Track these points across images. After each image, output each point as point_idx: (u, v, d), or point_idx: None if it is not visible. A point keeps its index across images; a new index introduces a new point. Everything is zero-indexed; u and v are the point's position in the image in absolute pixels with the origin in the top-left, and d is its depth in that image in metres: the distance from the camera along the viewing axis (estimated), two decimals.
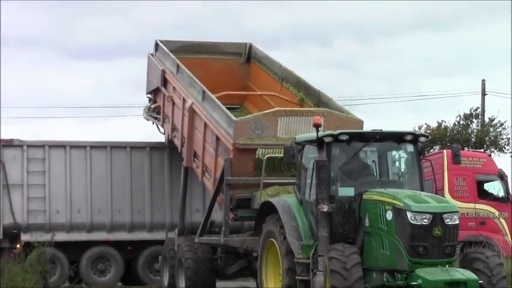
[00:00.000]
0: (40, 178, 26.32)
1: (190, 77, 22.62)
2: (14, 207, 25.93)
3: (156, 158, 27.24)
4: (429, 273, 14.20)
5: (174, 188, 27.09)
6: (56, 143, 26.88)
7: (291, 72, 23.81)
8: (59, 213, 26.30)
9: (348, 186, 15.65)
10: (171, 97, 23.65)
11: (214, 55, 25.77)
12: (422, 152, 16.27)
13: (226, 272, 20.78)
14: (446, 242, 14.68)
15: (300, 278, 15.00)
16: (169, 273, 22.24)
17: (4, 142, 26.27)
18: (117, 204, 26.78)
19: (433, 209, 14.68)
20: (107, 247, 26.65)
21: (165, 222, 26.92)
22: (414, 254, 14.54)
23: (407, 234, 14.56)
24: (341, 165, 15.91)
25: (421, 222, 14.54)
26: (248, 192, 19.53)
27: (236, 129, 19.35)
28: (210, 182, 21.21)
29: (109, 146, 27.13)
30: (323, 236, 14.96)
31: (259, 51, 25.69)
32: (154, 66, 25.29)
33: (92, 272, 26.51)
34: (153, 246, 26.82)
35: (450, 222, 14.70)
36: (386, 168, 16.34)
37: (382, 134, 16.15)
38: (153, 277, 26.80)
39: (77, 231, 26.40)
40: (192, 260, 20.61)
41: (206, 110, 21.24)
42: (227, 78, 25.10)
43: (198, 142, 21.89)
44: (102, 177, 26.80)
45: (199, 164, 21.96)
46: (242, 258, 20.18)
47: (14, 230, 25.93)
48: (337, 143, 15.75)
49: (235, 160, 19.26)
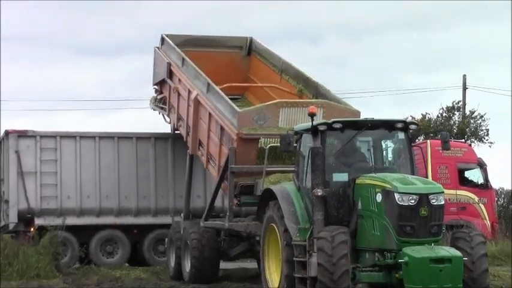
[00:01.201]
0: (52, 166, 26.34)
1: (195, 69, 22.46)
2: (28, 194, 25.95)
3: (160, 147, 27.25)
4: (415, 251, 14.08)
5: (177, 175, 27.19)
6: (66, 134, 26.86)
7: (290, 64, 23.60)
8: (69, 199, 26.31)
9: (342, 172, 15.50)
10: (176, 88, 23.49)
11: (217, 48, 25.52)
12: (413, 139, 16.18)
13: (229, 253, 20.75)
14: (432, 221, 14.55)
15: (297, 259, 14.84)
16: (175, 255, 22.15)
17: (19, 133, 26.30)
18: (124, 191, 26.81)
19: (419, 190, 14.55)
20: (114, 230, 26.69)
21: (168, 207, 26.99)
22: (402, 234, 14.42)
23: (395, 215, 14.43)
24: (336, 152, 15.75)
25: (408, 202, 14.41)
26: (251, 179, 19.40)
27: (240, 120, 19.23)
28: (214, 170, 21.09)
29: (116, 136, 27.13)
30: (318, 219, 14.86)
31: (259, 45, 25.49)
32: (160, 59, 25.10)
33: (100, 253, 26.53)
34: (158, 230, 26.90)
35: (436, 203, 14.57)
36: (380, 155, 16.12)
37: (374, 122, 15.94)
38: (158, 258, 26.80)
39: (86, 216, 26.43)
40: (198, 242, 20.50)
41: (211, 101, 21.08)
42: (229, 70, 24.86)
43: (202, 131, 21.76)
44: (109, 165, 26.83)
45: (204, 152, 21.83)
46: (244, 241, 20.15)
47: (28, 215, 25.97)
48: (332, 131, 15.57)
49: (239, 149, 19.15)
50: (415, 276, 13.99)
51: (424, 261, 13.93)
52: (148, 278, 22.66)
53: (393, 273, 14.36)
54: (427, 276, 13.97)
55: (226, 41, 25.85)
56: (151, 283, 20.88)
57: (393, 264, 14.33)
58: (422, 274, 13.97)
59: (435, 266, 13.95)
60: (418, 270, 13.96)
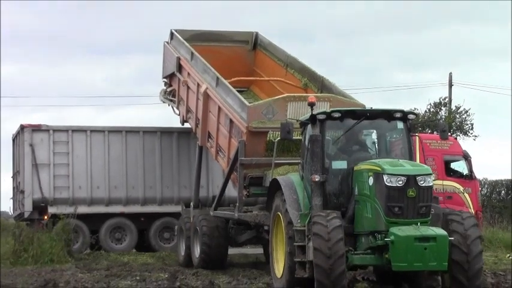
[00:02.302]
0: (64, 158, 26.42)
1: (204, 63, 21.88)
2: (42, 184, 26.06)
3: (166, 141, 27.31)
4: (401, 230, 13.57)
5: (181, 167, 27.31)
6: (78, 128, 26.94)
7: (295, 58, 22.98)
8: (81, 189, 26.41)
9: (342, 160, 14.99)
10: (185, 82, 23.01)
11: (223, 43, 24.96)
12: (411, 128, 15.44)
13: (237, 240, 20.48)
14: (420, 202, 13.96)
15: (297, 244, 14.26)
16: (185, 245, 21.67)
17: (33, 127, 26.39)
18: (131, 181, 26.89)
19: (406, 171, 13.99)
20: (122, 218, 26.79)
21: (173, 197, 27.09)
22: (390, 214, 13.87)
23: (384, 196, 13.91)
24: (335, 140, 15.24)
25: (396, 184, 13.88)
26: (260, 171, 18.84)
27: (249, 114, 18.66)
28: (224, 161, 20.57)
29: (124, 130, 27.22)
30: (316, 204, 14.49)
31: (264, 39, 24.95)
32: (169, 53, 24.60)
33: (109, 240, 26.66)
34: (163, 218, 27.06)
35: (424, 184, 13.99)
36: (379, 144, 15.53)
37: (372, 111, 15.44)
38: (163, 245, 26.99)
39: (96, 205, 26.52)
40: (207, 228, 20.17)
41: (220, 95, 20.54)
42: (235, 63, 24.29)
43: (212, 124, 21.23)
44: (118, 157, 26.90)
45: (213, 143, 21.31)
46: (252, 229, 19.85)
47: (42, 204, 26.08)
48: (331, 121, 15.04)
49: (248, 142, 18.65)
50: (401, 255, 13.54)
51: (408, 239, 13.45)
52: (155, 263, 22.74)
53: (384, 254, 13.87)
54: (412, 255, 13.50)
55: (233, 35, 25.30)
56: (158, 267, 20.93)
57: (383, 246, 13.83)
58: (407, 253, 13.50)
59: (420, 245, 13.46)
60: (403, 249, 13.49)
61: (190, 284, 16.39)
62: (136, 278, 17.72)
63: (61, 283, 16.50)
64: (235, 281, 16.96)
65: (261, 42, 24.91)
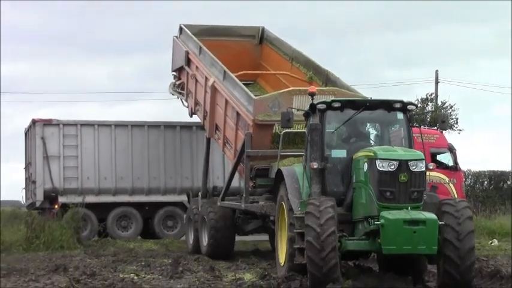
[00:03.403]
0: (74, 151, 26.45)
1: (211, 57, 21.32)
2: (53, 175, 26.11)
3: (169, 134, 27.33)
4: (391, 214, 12.88)
5: (183, 158, 27.34)
6: (86, 122, 26.95)
7: (300, 52, 22.38)
8: (89, 180, 26.45)
9: (342, 149, 14.29)
10: (194, 75, 22.48)
11: (231, 37, 24.29)
12: (411, 119, 14.73)
13: (244, 228, 19.95)
14: (412, 187, 13.22)
15: (297, 231, 13.56)
16: (193, 235, 21.20)
17: (44, 122, 26.44)
18: (136, 172, 26.91)
19: (398, 156, 13.28)
20: (128, 207, 26.81)
21: (176, 187, 27.15)
22: (382, 199, 13.18)
23: (376, 181, 13.22)
24: (335, 130, 14.49)
25: (388, 168, 13.18)
26: (266, 162, 18.27)
27: (255, 107, 18.13)
28: (230, 153, 20.06)
29: (130, 124, 27.23)
30: (315, 192, 13.94)
31: (271, 34, 24.38)
32: (178, 48, 24.06)
33: (116, 228, 26.70)
34: (167, 207, 27.12)
35: (416, 169, 13.24)
36: (379, 134, 14.80)
37: (372, 101, 14.80)
38: (167, 232, 27.06)
39: (104, 195, 26.55)
40: (215, 214, 19.61)
41: (227, 88, 19.99)
42: (242, 57, 23.65)
43: (219, 116, 20.66)
44: (124, 150, 26.93)
45: (220, 135, 20.75)
46: (258, 218, 19.41)
47: (53, 193, 26.16)
48: (332, 111, 14.36)
49: (255, 134, 18.14)
50: (390, 238, 12.82)
51: (398, 222, 12.74)
52: (159, 249, 22.79)
53: (377, 239, 13.14)
54: (401, 238, 12.76)
55: (240, 30, 24.70)
56: (161, 253, 20.97)
57: (376, 230, 13.10)
58: (397, 236, 12.77)
59: (409, 228, 12.72)
60: (393, 232, 12.77)
61: (192, 268, 16.42)
62: (142, 263, 17.76)
63: (71, 268, 16.54)
64: (234, 266, 16.99)
65: (267, 37, 24.42)
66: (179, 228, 27.08)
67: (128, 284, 13.97)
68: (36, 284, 14.13)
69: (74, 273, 15.55)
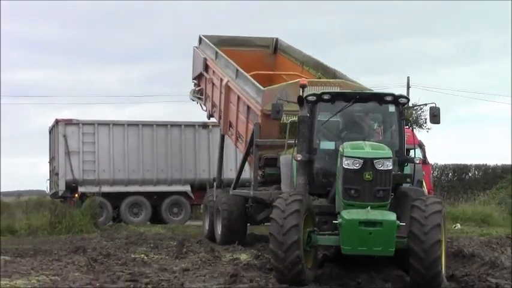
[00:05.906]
0: (91, 147, 26.46)
1: (226, 59, 20.30)
2: (73, 168, 26.15)
3: (175, 132, 27.33)
4: (349, 213, 11.27)
5: (187, 154, 27.36)
6: (102, 122, 26.95)
7: (310, 56, 21.14)
8: (105, 172, 26.45)
9: (330, 141, 12.83)
10: (211, 79, 21.48)
11: (247, 47, 23.05)
12: (403, 113, 12.95)
13: (255, 218, 18.29)
14: (378, 186, 11.51)
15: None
16: (209, 220, 19.87)
17: (66, 121, 26.45)
18: (146, 166, 26.91)
19: (364, 154, 11.58)
20: (139, 196, 26.81)
21: (181, 179, 27.17)
22: (347, 197, 11.61)
23: (342, 178, 11.66)
24: (324, 122, 12.98)
25: (353, 166, 11.54)
26: (274, 152, 16.59)
27: (264, 97, 16.87)
28: (242, 146, 18.77)
29: (140, 124, 27.24)
30: (299, 183, 12.67)
31: (284, 43, 23.07)
32: (197, 56, 22.97)
33: (128, 214, 26.69)
34: (172, 196, 27.13)
35: (382, 168, 11.53)
36: (369, 127, 13.27)
37: (362, 94, 13.30)
38: (173, 218, 27.07)
39: (117, 185, 26.54)
40: (227, 205, 18.25)
41: (239, 85, 18.90)
42: (257, 66, 22.00)
43: (232, 113, 19.49)
44: (135, 146, 26.90)
45: (233, 131, 19.57)
46: (269, 207, 16.90)
47: (73, 184, 26.18)
48: (322, 103, 12.90)
49: (263, 124, 16.81)
50: (347, 238, 11.12)
51: (353, 223, 11.05)
52: (166, 233, 22.75)
53: None
54: (357, 239, 11.05)
55: (255, 40, 23.46)
56: (168, 237, 20.97)
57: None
58: (353, 236, 11.07)
59: (365, 229, 11.00)
60: (349, 232, 11.10)
61: (195, 250, 16.45)
62: (151, 245, 17.76)
63: (89, 249, 16.55)
64: (232, 248, 17.00)
65: (281, 46, 23.24)
66: (183, 214, 27.18)
67: (139, 263, 14.01)
68: (59, 262, 14.15)
69: (91, 253, 15.57)
